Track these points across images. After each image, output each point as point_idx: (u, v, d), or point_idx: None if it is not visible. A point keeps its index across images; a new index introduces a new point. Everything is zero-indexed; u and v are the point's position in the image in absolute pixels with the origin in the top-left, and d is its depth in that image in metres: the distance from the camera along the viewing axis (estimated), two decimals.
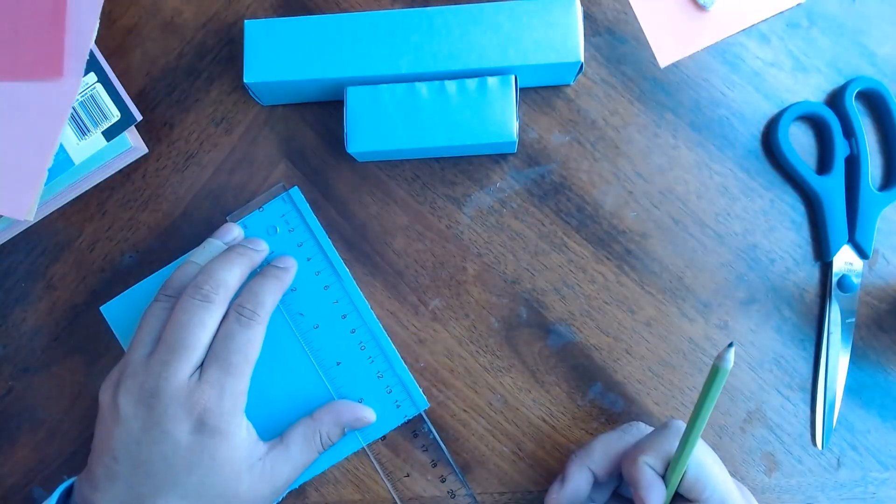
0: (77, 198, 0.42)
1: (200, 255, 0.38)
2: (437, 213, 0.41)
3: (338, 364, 0.40)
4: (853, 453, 0.39)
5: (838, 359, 0.39)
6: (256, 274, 0.38)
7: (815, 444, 0.39)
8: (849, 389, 0.39)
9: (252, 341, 0.36)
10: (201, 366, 0.35)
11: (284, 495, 0.39)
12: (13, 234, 0.42)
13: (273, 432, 0.38)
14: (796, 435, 0.39)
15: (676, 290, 0.40)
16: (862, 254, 0.39)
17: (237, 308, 0.36)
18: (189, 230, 0.42)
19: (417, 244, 0.41)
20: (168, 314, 0.36)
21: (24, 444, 0.41)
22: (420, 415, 0.39)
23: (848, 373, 0.39)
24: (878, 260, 0.40)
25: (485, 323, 0.40)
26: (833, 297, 0.39)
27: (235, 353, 0.35)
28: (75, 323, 0.41)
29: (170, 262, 0.41)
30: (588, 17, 0.42)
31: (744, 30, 0.42)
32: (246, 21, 0.39)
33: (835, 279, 0.39)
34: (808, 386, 0.39)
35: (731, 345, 0.28)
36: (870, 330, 0.40)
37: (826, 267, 0.40)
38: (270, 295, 0.37)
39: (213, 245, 0.38)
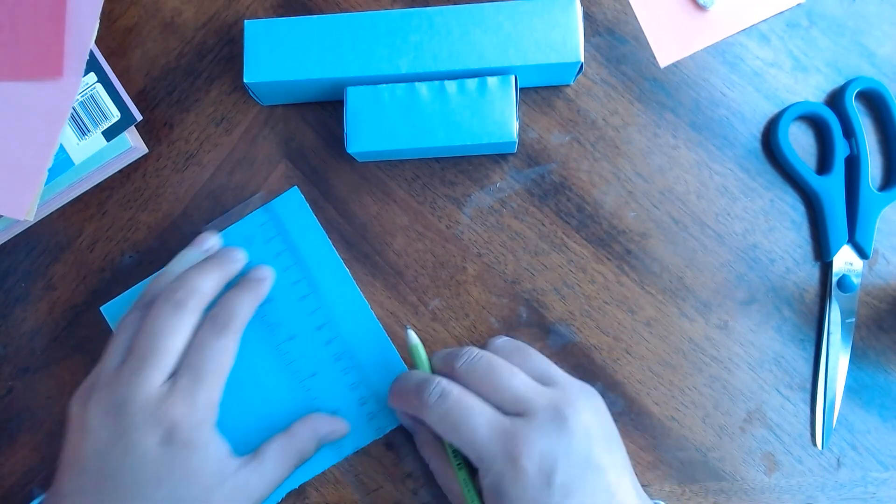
0: (77, 198, 0.42)
1: (177, 264, 0.38)
2: (437, 213, 0.41)
3: (312, 375, 0.39)
4: (853, 453, 0.39)
5: (838, 359, 0.39)
6: (232, 285, 0.38)
7: (815, 444, 0.39)
8: (849, 389, 0.39)
9: (225, 352, 0.35)
10: (173, 376, 0.34)
11: None
12: (13, 234, 0.42)
13: (247, 445, 0.37)
14: (796, 435, 0.39)
15: (676, 290, 0.40)
16: (862, 254, 0.39)
17: (211, 318, 0.36)
18: (189, 230, 0.42)
19: (417, 244, 0.41)
20: (141, 324, 0.35)
21: (23, 444, 0.41)
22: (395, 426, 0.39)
23: (848, 373, 0.39)
24: (878, 260, 0.40)
25: (485, 323, 0.40)
26: (833, 297, 0.39)
27: (208, 363, 0.34)
28: (75, 323, 0.41)
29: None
30: (588, 17, 0.42)
31: (744, 30, 0.42)
32: (246, 21, 0.39)
33: (835, 279, 0.39)
34: (808, 386, 0.39)
35: (406, 327, 0.38)
36: (870, 330, 0.40)
37: (826, 267, 0.40)
38: (245, 306, 0.37)
39: (189, 254, 0.38)
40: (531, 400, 0.33)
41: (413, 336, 0.37)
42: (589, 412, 0.33)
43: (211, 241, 0.39)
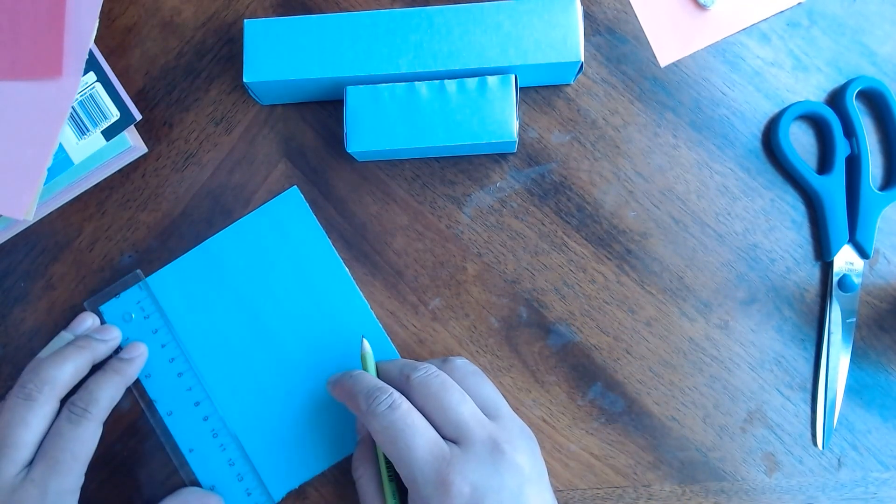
0: (76, 197, 0.42)
1: (48, 348, 0.38)
2: (437, 213, 0.41)
3: (190, 451, 0.39)
4: (854, 453, 0.39)
5: (839, 359, 0.39)
6: (99, 368, 0.38)
7: (815, 444, 0.39)
8: (849, 389, 0.39)
9: (82, 439, 0.35)
10: (29, 465, 0.34)
11: None
12: (12, 234, 0.42)
13: None
14: (797, 435, 0.39)
15: (677, 290, 0.40)
16: (863, 253, 0.39)
17: (69, 405, 0.35)
18: (188, 230, 0.42)
19: (417, 244, 0.41)
20: None
21: None
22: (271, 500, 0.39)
23: (849, 373, 0.39)
24: (878, 260, 0.40)
25: (485, 323, 0.40)
26: (834, 297, 0.39)
27: (63, 451, 0.34)
28: None
29: (169, 262, 0.41)
30: (588, 16, 0.42)
31: (744, 29, 0.42)
32: (245, 20, 0.39)
33: (835, 279, 0.39)
34: (809, 386, 0.39)
35: (362, 336, 0.38)
36: (870, 330, 0.40)
37: (827, 267, 0.40)
38: (107, 390, 0.37)
39: (61, 338, 0.38)
40: (473, 429, 0.33)
41: (367, 346, 0.37)
42: (525, 452, 0.33)
43: (87, 321, 0.39)
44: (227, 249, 0.41)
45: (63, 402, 0.36)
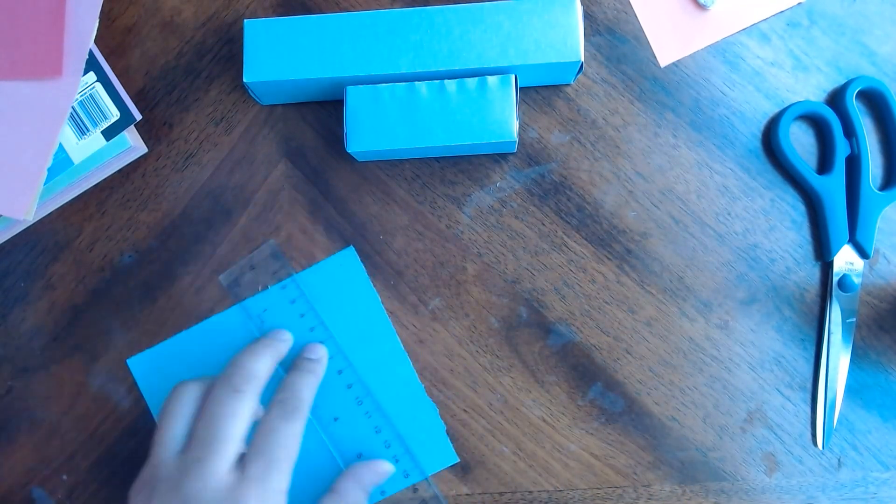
0: (76, 197, 0.42)
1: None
2: (437, 213, 0.41)
3: (335, 420, 0.39)
4: (854, 453, 0.39)
5: (839, 359, 0.39)
6: (291, 368, 0.38)
7: (815, 444, 0.39)
8: (849, 389, 0.39)
9: (294, 437, 0.34)
10: (238, 463, 0.33)
11: None
12: (12, 234, 0.42)
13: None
14: (797, 435, 0.39)
15: (677, 290, 0.40)
16: (863, 253, 0.39)
17: (279, 403, 0.35)
18: (188, 230, 0.42)
19: (417, 244, 0.41)
20: (196, 406, 0.34)
21: (23, 444, 0.41)
22: (421, 471, 0.39)
23: (849, 373, 0.39)
24: (878, 260, 0.40)
25: (485, 323, 0.40)
26: (834, 297, 0.39)
27: (280, 448, 0.33)
28: (74, 323, 0.41)
29: (169, 262, 0.41)
30: (588, 16, 0.42)
31: (744, 29, 0.42)
32: (245, 20, 0.39)
33: (835, 279, 0.39)
34: (809, 386, 0.39)
35: None
36: (871, 330, 0.40)
37: (827, 267, 0.40)
38: (308, 389, 0.36)
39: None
40: None
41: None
42: None
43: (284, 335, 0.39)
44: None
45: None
